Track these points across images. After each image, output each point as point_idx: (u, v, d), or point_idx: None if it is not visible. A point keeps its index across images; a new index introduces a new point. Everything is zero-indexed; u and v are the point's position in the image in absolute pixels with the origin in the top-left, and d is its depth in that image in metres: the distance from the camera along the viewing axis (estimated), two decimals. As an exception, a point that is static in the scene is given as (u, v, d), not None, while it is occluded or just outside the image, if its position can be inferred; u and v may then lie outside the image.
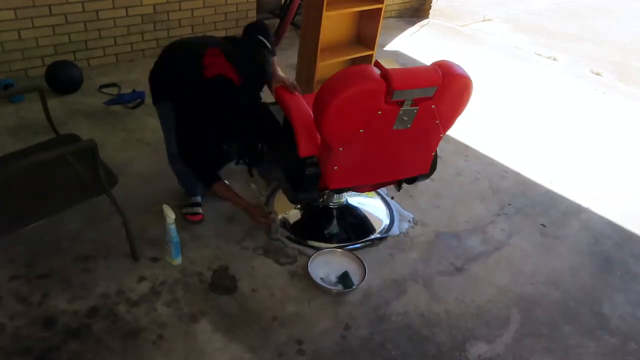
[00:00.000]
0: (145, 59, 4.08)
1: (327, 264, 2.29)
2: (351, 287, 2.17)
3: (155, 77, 2.26)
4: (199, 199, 2.51)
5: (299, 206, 2.59)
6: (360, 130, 1.86)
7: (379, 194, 2.79)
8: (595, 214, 2.82)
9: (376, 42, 3.54)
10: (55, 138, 2.30)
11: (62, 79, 3.41)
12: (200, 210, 2.48)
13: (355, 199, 2.65)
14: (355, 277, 2.22)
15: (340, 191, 2.41)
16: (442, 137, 2.07)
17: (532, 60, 4.99)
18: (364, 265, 2.27)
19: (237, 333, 1.95)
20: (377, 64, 1.80)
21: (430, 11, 5.87)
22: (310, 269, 2.22)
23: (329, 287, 2.17)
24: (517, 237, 2.60)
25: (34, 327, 1.90)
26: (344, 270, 2.25)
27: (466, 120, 3.57)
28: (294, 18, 4.43)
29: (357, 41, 3.66)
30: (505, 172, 3.11)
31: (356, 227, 2.55)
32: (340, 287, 2.18)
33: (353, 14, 3.49)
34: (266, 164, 2.36)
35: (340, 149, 1.92)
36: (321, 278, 2.21)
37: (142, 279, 2.14)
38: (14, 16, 3.40)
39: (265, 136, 2.16)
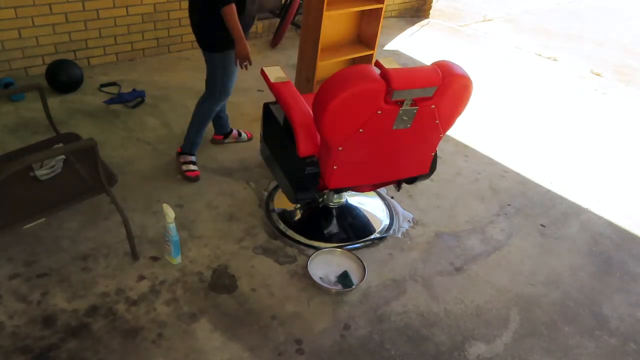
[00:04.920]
0: (145, 58, 4.08)
1: (326, 263, 2.29)
2: (350, 287, 2.17)
3: None
4: (194, 158, 2.77)
5: (298, 206, 2.59)
6: (360, 130, 1.86)
7: (378, 194, 2.79)
8: (595, 215, 2.82)
9: (376, 42, 3.54)
10: (55, 137, 2.30)
11: (63, 78, 3.41)
12: (196, 167, 2.74)
13: (355, 199, 2.65)
14: (354, 276, 2.22)
15: (339, 191, 2.41)
16: (442, 137, 2.07)
17: (533, 60, 4.99)
18: (363, 265, 2.27)
19: (237, 332, 1.95)
20: (377, 64, 1.81)
21: (431, 11, 5.87)
22: (309, 269, 2.22)
23: (328, 286, 2.17)
24: (516, 237, 2.60)
25: (34, 326, 1.90)
26: (343, 270, 2.25)
27: (466, 120, 3.60)
28: (294, 18, 4.42)
29: (358, 41, 3.65)
30: (505, 172, 3.11)
31: (356, 226, 2.55)
32: (339, 286, 2.18)
33: (353, 14, 3.49)
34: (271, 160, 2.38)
35: (340, 148, 1.92)
36: (321, 278, 2.21)
37: (141, 278, 2.14)
38: (14, 15, 3.39)
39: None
